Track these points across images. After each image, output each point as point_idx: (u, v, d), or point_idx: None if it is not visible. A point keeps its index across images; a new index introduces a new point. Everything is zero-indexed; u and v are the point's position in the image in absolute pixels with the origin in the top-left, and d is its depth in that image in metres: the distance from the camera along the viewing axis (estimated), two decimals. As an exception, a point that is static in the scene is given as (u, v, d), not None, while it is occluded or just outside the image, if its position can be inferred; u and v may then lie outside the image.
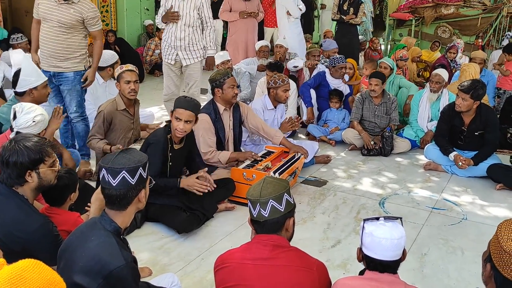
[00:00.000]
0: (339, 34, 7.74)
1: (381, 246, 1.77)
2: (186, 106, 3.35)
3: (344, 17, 7.56)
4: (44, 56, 4.24)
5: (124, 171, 1.83)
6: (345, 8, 7.60)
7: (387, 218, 1.85)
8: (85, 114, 4.51)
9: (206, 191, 3.48)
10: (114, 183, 1.83)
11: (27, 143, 2.24)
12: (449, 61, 7.57)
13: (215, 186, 3.53)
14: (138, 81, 4.17)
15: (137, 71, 4.17)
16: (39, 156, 2.25)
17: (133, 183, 1.85)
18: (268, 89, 4.77)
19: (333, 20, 8.06)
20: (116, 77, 4.07)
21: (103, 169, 1.84)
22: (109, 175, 1.83)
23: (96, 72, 4.99)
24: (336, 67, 5.85)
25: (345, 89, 6.01)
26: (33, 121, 3.01)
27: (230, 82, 4.04)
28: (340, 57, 5.92)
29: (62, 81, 4.28)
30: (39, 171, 2.26)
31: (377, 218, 1.85)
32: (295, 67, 6.39)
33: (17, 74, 3.68)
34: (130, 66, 4.13)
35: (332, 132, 5.61)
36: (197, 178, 3.51)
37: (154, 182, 2.09)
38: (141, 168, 1.87)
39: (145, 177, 1.91)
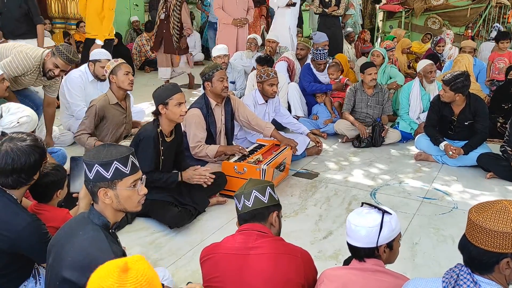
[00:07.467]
0: (323, 27, 7.70)
1: (352, 232, 1.85)
2: (178, 90, 3.37)
3: (326, 10, 7.55)
4: None
5: (97, 165, 1.79)
6: (326, 0, 7.59)
7: (369, 206, 1.88)
8: None
9: (205, 184, 3.49)
10: (91, 177, 1.81)
11: (27, 143, 2.17)
12: (438, 54, 7.58)
13: (213, 178, 3.52)
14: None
15: None
16: (43, 158, 2.22)
17: (108, 177, 1.80)
18: (257, 83, 4.76)
19: (315, 13, 8.05)
20: (111, 70, 4.04)
21: (84, 164, 1.83)
22: (87, 169, 1.81)
23: (87, 69, 4.95)
24: (316, 61, 5.88)
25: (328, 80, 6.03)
26: (18, 122, 2.97)
27: (219, 75, 4.00)
28: (322, 53, 5.86)
29: None
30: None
31: (362, 205, 1.91)
32: None
33: None
34: (123, 60, 4.16)
35: (326, 123, 5.62)
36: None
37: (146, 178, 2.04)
38: (116, 162, 1.80)
39: (126, 172, 1.83)
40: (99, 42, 5.92)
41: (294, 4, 7.47)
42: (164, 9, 7.08)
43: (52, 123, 4.78)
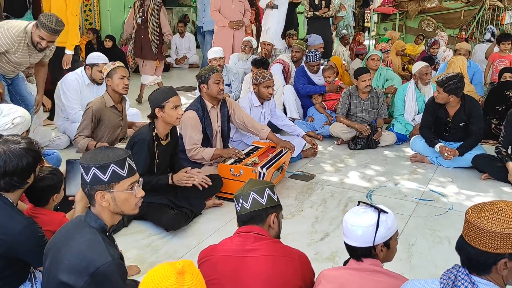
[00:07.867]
0: (312, 29, 7.72)
1: (349, 232, 1.85)
2: (174, 93, 3.39)
3: (317, 13, 7.58)
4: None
5: (94, 168, 1.78)
6: (316, 2, 7.62)
7: (365, 205, 1.89)
8: None
9: (193, 186, 3.47)
10: (88, 180, 1.81)
11: (21, 146, 2.16)
12: (432, 56, 7.61)
13: (209, 182, 3.52)
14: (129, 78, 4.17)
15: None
16: (37, 161, 2.21)
17: (105, 180, 1.79)
18: (253, 86, 4.77)
19: (306, 17, 8.08)
20: (107, 73, 4.02)
21: (81, 167, 1.83)
22: (84, 172, 1.81)
23: (83, 72, 4.93)
24: (309, 63, 5.90)
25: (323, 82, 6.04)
26: (12, 123, 2.95)
27: (215, 77, 4.01)
28: (315, 55, 5.89)
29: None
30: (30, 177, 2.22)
31: (358, 204, 1.92)
32: None
33: None
34: (121, 63, 4.12)
35: (324, 126, 5.64)
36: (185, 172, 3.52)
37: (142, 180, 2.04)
38: (113, 164, 1.79)
39: (123, 174, 1.83)
40: (69, 52, 5.43)
41: (276, 7, 7.55)
42: (140, 13, 6.77)
43: (43, 81, 4.78)
